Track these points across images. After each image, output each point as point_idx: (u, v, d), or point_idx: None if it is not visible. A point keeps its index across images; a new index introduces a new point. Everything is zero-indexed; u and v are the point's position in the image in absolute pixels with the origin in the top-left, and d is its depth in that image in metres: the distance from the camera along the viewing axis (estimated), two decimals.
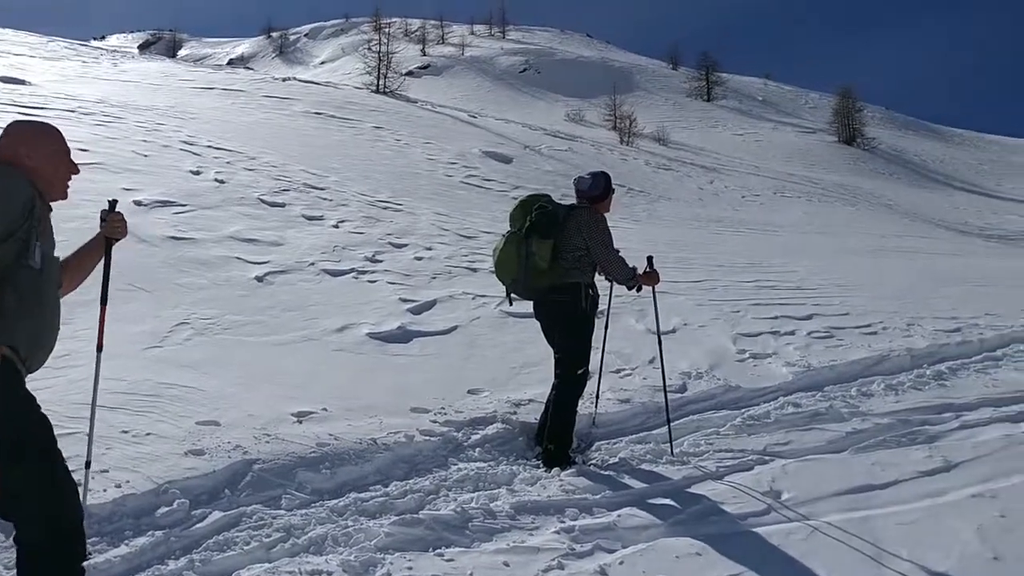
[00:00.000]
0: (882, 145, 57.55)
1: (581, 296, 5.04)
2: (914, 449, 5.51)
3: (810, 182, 35.68)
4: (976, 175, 55.30)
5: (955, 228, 28.64)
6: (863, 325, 8.98)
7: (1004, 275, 14.66)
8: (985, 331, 9.01)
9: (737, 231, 19.04)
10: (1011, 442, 5.70)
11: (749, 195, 27.62)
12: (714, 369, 7.09)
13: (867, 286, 11.65)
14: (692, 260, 13.07)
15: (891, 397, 6.62)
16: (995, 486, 4.92)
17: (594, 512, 4.32)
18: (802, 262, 13.68)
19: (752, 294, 10.42)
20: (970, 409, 6.41)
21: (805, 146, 53.79)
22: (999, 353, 8.23)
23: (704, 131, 57.84)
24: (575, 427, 5.23)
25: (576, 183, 5.37)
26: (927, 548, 4.10)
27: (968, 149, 68.01)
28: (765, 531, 4.20)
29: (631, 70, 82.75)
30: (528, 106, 63.37)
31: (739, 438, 5.60)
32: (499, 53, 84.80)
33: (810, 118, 68.33)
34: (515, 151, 25.21)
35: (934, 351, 8.13)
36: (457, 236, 11.92)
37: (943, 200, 39.52)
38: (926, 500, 4.71)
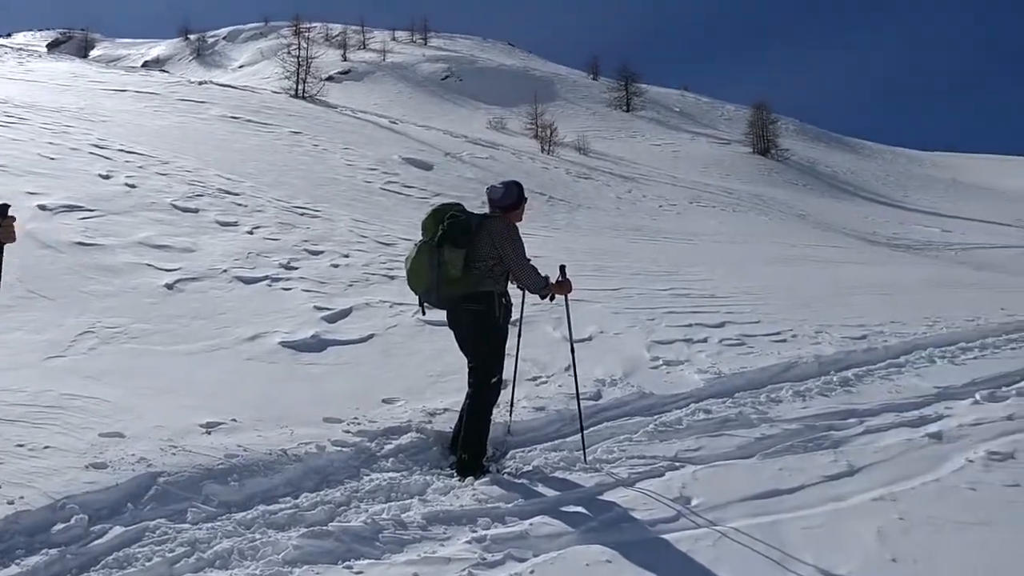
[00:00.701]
0: (795, 156, 59.05)
1: (494, 305, 5.04)
2: (820, 454, 5.66)
3: (725, 192, 36.40)
4: (884, 186, 57.20)
5: (864, 238, 29.52)
6: (773, 333, 9.19)
7: (910, 284, 15.18)
8: (890, 338, 9.30)
9: (654, 240, 19.28)
10: (911, 446, 5.90)
11: (666, 204, 28.01)
12: (628, 376, 7.17)
13: (778, 294, 11.93)
14: (610, 268, 13.20)
15: (799, 403, 6.79)
16: (895, 489, 5.08)
17: (506, 521, 4.32)
18: (716, 270, 13.94)
19: (667, 302, 10.58)
20: (874, 415, 6.61)
21: (721, 157, 54.85)
22: (902, 360, 8.50)
23: (623, 141, 58.56)
24: (489, 436, 5.23)
25: (488, 192, 5.38)
26: (830, 551, 4.21)
27: (876, 161, 70.30)
28: (674, 538, 4.25)
29: (552, 79, 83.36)
30: (450, 113, 63.26)
31: (651, 445, 5.66)
32: (421, 60, 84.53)
33: (726, 129, 69.72)
34: (436, 158, 25.13)
35: (841, 358, 8.35)
36: (375, 243, 11.83)
37: (853, 210, 40.75)
38: (830, 504, 4.84)
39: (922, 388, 7.43)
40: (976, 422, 6.47)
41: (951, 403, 7.02)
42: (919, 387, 7.47)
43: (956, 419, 6.54)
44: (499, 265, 5.08)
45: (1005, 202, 51.28)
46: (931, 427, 6.32)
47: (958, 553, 4.29)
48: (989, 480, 5.31)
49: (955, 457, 5.70)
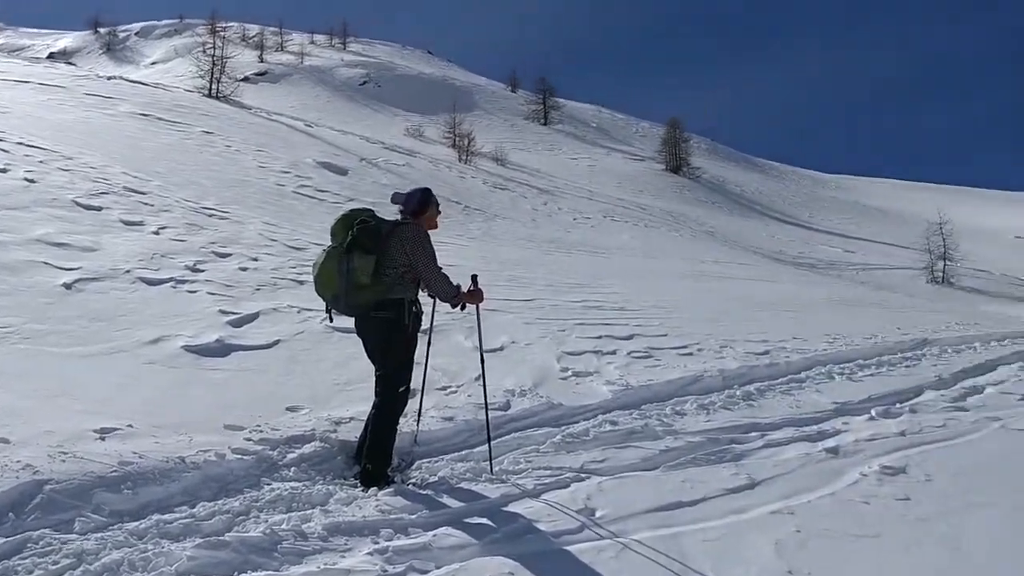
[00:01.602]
0: (706, 175, 60.43)
1: (404, 312, 4.98)
2: (722, 467, 5.76)
3: (639, 207, 37.00)
4: (791, 207, 58.95)
5: (770, 256, 30.34)
6: (680, 346, 9.35)
7: (812, 302, 15.65)
8: (791, 354, 9.56)
9: (568, 252, 19.46)
10: (809, 460, 6.05)
11: (581, 218, 28.33)
12: (538, 387, 7.19)
13: (686, 309, 12.15)
14: (523, 279, 13.25)
15: (703, 416, 6.91)
16: (793, 503, 5.20)
17: (410, 532, 4.27)
18: (627, 284, 14.12)
19: (579, 314, 10.66)
20: (774, 428, 6.77)
21: (635, 173, 55.78)
22: (803, 375, 8.74)
23: (541, 154, 59.01)
24: (395, 446, 5.16)
25: (393, 199, 5.32)
26: (729, 564, 4.28)
27: (784, 182, 72.41)
28: (577, 549, 4.26)
29: (471, 89, 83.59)
30: (367, 119, 62.77)
31: (558, 456, 5.68)
32: (339, 64, 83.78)
33: (640, 146, 70.92)
34: (351, 163, 24.92)
35: (744, 372, 8.54)
36: (285, 247, 11.63)
37: (760, 229, 41.87)
38: (730, 517, 4.92)
39: (821, 403, 7.65)
40: (871, 437, 6.68)
41: (848, 418, 7.24)
42: (818, 402, 7.69)
43: (852, 434, 6.74)
44: (410, 272, 5.03)
45: (904, 225, 53.34)
46: (829, 442, 6.50)
47: (851, 565, 4.41)
48: (881, 494, 5.48)
49: (850, 471, 5.87)
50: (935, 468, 6.07)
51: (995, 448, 6.80)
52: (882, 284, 27.64)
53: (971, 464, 6.31)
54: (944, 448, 6.63)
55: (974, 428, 7.28)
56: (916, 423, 7.22)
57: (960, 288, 30.12)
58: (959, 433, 7.10)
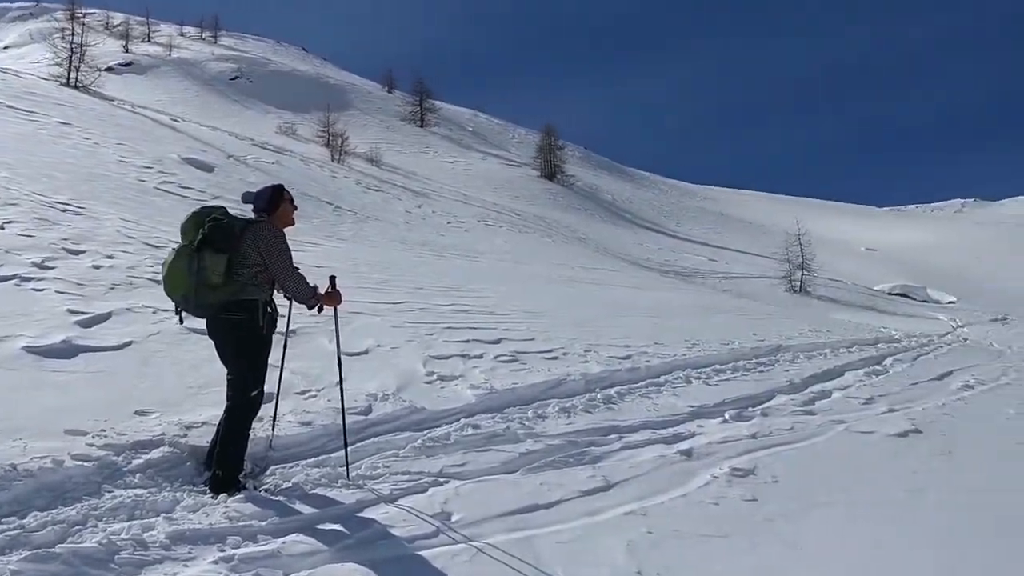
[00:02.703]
0: (579, 182, 61.43)
1: (258, 314, 4.84)
2: (579, 469, 5.84)
3: (513, 213, 37.28)
4: (660, 215, 60.57)
5: (638, 263, 31.08)
6: (546, 350, 9.44)
7: (675, 308, 16.09)
8: (652, 359, 9.79)
9: (440, 255, 19.41)
10: (664, 462, 6.21)
11: (455, 221, 28.33)
12: (401, 391, 7.11)
13: (554, 313, 12.29)
14: (393, 282, 13.13)
15: (564, 419, 6.99)
16: (646, 504, 5.32)
17: (258, 539, 4.15)
18: (498, 288, 14.18)
19: (448, 317, 10.63)
20: (632, 431, 6.92)
21: (510, 178, 56.18)
22: (662, 379, 8.96)
23: (416, 156, 58.76)
24: (248, 451, 5.01)
25: (243, 197, 5.17)
26: (582, 565, 4.34)
27: (653, 191, 74.35)
28: (431, 554, 4.24)
29: (346, 89, 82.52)
30: (238, 115, 61.09)
31: (418, 460, 5.64)
32: (209, 58, 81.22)
33: (516, 152, 71.52)
34: (218, 160, 24.20)
35: (606, 376, 8.70)
36: (144, 245, 11.16)
37: (630, 237, 42.84)
38: (585, 518, 4.99)
39: (678, 407, 7.87)
40: (723, 440, 6.91)
41: (703, 421, 7.48)
42: (676, 406, 7.90)
43: (706, 437, 6.97)
44: (264, 272, 4.89)
45: (765, 236, 55.57)
46: (683, 444, 6.69)
47: (699, 565, 4.54)
48: (731, 495, 5.67)
49: (702, 473, 6.05)
50: (782, 469, 6.33)
51: (838, 450, 7.14)
52: (743, 292, 28.70)
53: (816, 465, 6.60)
54: (791, 450, 6.92)
55: (820, 431, 7.62)
56: (766, 426, 7.51)
57: (815, 297, 31.55)
58: (806, 436, 7.42)
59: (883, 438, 7.60)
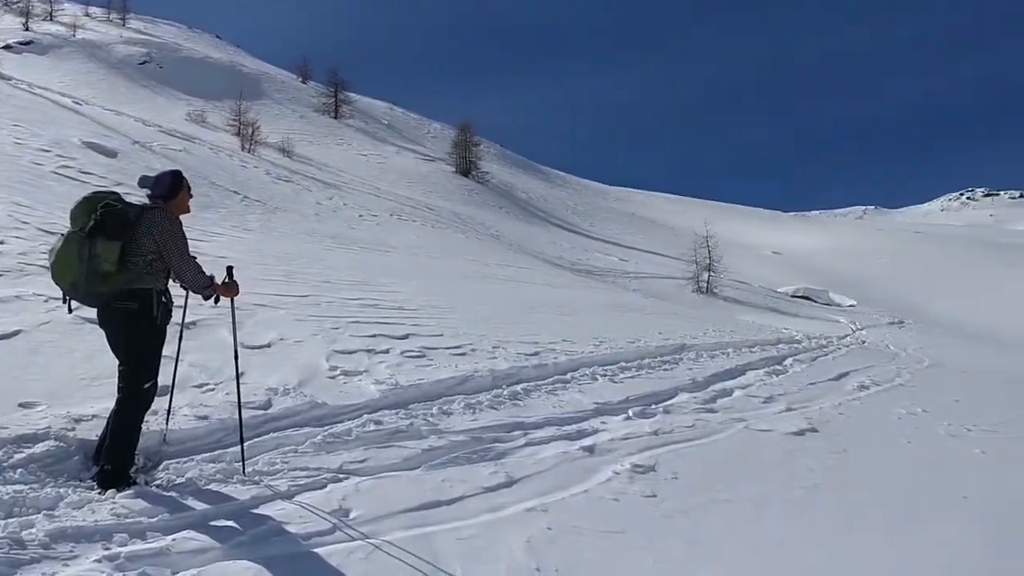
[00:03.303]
0: (494, 179, 61.45)
1: (152, 303, 4.68)
2: (482, 466, 5.83)
3: (427, 208, 37.05)
4: (573, 215, 61.03)
5: (551, 261, 31.23)
6: (454, 346, 9.40)
7: (585, 306, 16.22)
8: (560, 356, 9.85)
9: (350, 249, 19.17)
10: (566, 458, 6.24)
11: (367, 215, 28.00)
12: (303, 386, 6.98)
13: (465, 310, 12.25)
14: (300, 274, 12.91)
15: (468, 416, 6.97)
16: (547, 500, 5.33)
17: (147, 537, 4.01)
18: (408, 284, 14.07)
19: (355, 312, 10.50)
20: (537, 427, 6.94)
21: (425, 173, 55.82)
22: (568, 376, 9.02)
23: (329, 147, 57.88)
24: (140, 445, 4.85)
25: (140, 182, 4.99)
26: (480, 562, 4.32)
27: (568, 191, 74.87)
28: (326, 551, 4.16)
29: (260, 77, 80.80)
30: (146, 100, 59.16)
31: (317, 456, 5.53)
32: (117, 40, 78.53)
33: (431, 147, 71.16)
34: (122, 145, 23.41)
35: (514, 372, 8.71)
36: (37, 231, 10.71)
37: (543, 235, 43.05)
38: (486, 515, 4.97)
39: (583, 404, 7.93)
40: (626, 436, 6.99)
41: (607, 418, 7.55)
42: (581, 403, 7.96)
43: (609, 433, 7.03)
44: (159, 261, 4.72)
45: (675, 237, 56.49)
46: (586, 440, 6.74)
47: (597, 561, 4.57)
48: (631, 491, 5.73)
49: (604, 469, 6.10)
50: (682, 466, 6.43)
51: (738, 447, 7.29)
52: (652, 291, 29.12)
53: (715, 462, 6.73)
54: (692, 447, 7.04)
55: (720, 428, 7.78)
56: (668, 423, 7.63)
57: (722, 298, 32.19)
58: (707, 433, 7.56)
59: (781, 436, 7.80)
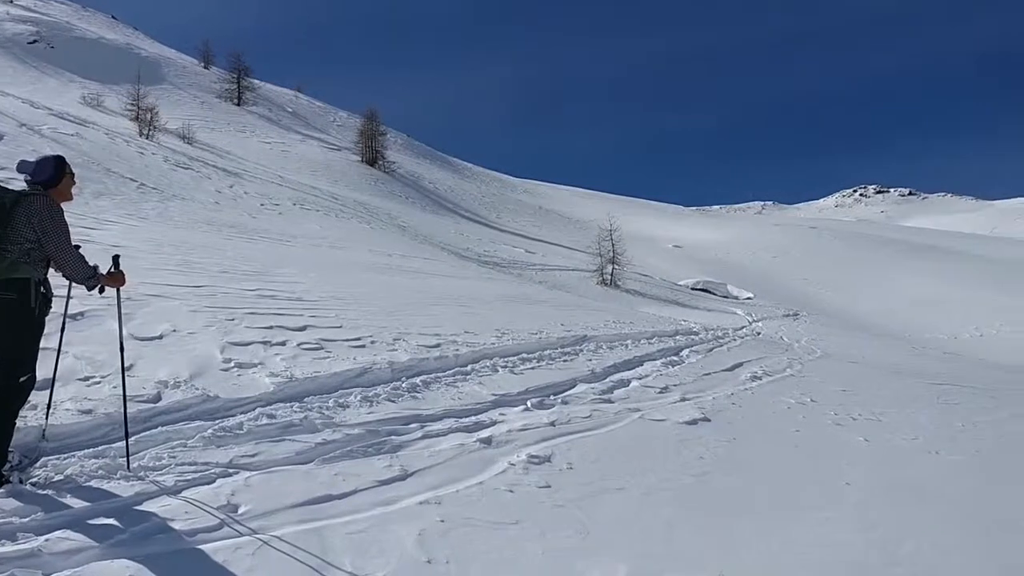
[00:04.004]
0: (401, 169, 61.04)
1: (30, 294, 4.49)
2: (377, 459, 5.79)
3: (331, 197, 36.54)
4: (481, 207, 61.09)
5: (457, 252, 31.19)
6: (353, 338, 9.29)
7: (489, 298, 16.24)
8: (461, 348, 9.83)
9: (251, 239, 18.77)
10: (463, 451, 6.25)
11: (269, 204, 27.47)
12: (195, 378, 6.81)
13: (365, 301, 12.13)
14: (197, 264, 12.58)
15: (365, 408, 6.90)
16: (441, 492, 5.33)
17: (17, 538, 3.85)
18: (309, 274, 13.86)
19: (252, 303, 10.28)
20: (435, 420, 6.93)
21: (330, 162, 55.07)
22: (469, 368, 9.02)
23: (232, 135, 56.54)
24: (15, 441, 4.65)
25: (19, 167, 4.78)
26: (370, 556, 4.29)
27: (475, 182, 74.87)
28: (212, 548, 4.07)
29: (159, 61, 78.35)
30: (36, 82, 56.73)
31: (207, 450, 5.41)
32: (4, 18, 75.05)
33: (337, 135, 70.22)
34: (9, 128, 22.41)
35: (414, 365, 8.66)
36: None
37: (450, 226, 42.94)
38: (379, 508, 4.94)
39: (482, 395, 7.94)
40: (524, 428, 7.03)
41: (505, 410, 7.58)
42: (480, 394, 7.97)
43: (507, 425, 7.07)
44: (38, 250, 4.53)
45: (581, 230, 57.12)
46: (484, 432, 6.75)
47: (488, 552, 4.59)
48: (526, 482, 5.78)
49: (500, 461, 6.13)
50: (577, 456, 6.51)
51: (632, 436, 7.41)
52: (557, 283, 29.38)
53: (610, 452, 6.83)
54: (588, 437, 7.13)
55: (616, 419, 7.90)
56: (566, 414, 7.71)
57: (624, 290, 32.69)
58: (603, 423, 7.66)
59: (674, 425, 7.96)
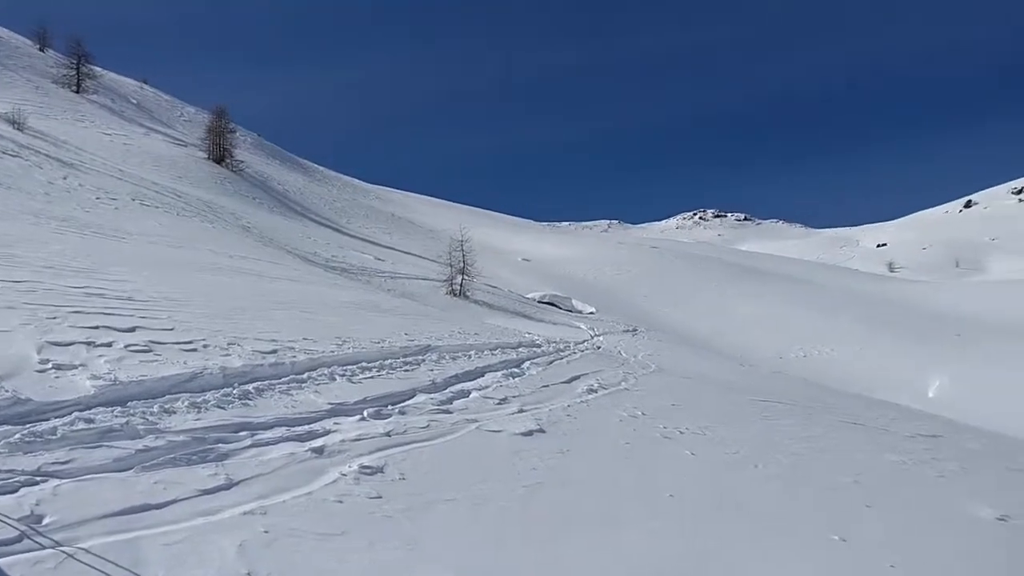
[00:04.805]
0: (250, 169, 59.38)
1: None
2: (202, 467, 5.60)
3: (174, 194, 35.14)
4: (331, 211, 60.16)
5: (304, 256, 30.58)
6: (185, 341, 8.96)
7: (334, 304, 16.00)
8: (299, 354, 9.64)
9: (83, 234, 17.82)
10: (293, 460, 6.12)
11: (105, 198, 26.16)
12: (6, 379, 6.38)
13: (202, 303, 11.72)
14: (20, 258, 11.86)
15: (193, 415, 6.66)
16: (267, 503, 5.21)
17: None
18: (142, 273, 13.29)
19: (78, 301, 9.76)
20: (266, 428, 6.76)
21: (175, 158, 52.95)
22: (305, 376, 8.84)
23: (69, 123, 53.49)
24: None
25: None
26: (187, 568, 4.15)
27: (327, 186, 73.73)
28: (8, 562, 3.83)
29: None
30: None
31: (12, 457, 5.08)
32: None
33: (183, 131, 67.69)
34: None
35: (248, 371, 8.42)
36: None
37: (299, 229, 42.06)
38: (200, 519, 4.78)
39: (317, 404, 7.81)
40: (358, 437, 6.96)
41: (340, 419, 7.48)
42: (315, 403, 7.83)
43: (341, 434, 6.97)
44: None
45: (433, 240, 57.11)
46: (316, 442, 6.64)
47: (312, 564, 4.51)
48: (356, 493, 5.72)
49: (331, 471, 6.05)
50: (411, 467, 6.50)
51: (468, 448, 7.46)
52: (406, 292, 29.24)
53: (444, 463, 6.85)
54: (423, 448, 7.12)
55: (453, 429, 7.92)
56: (403, 424, 7.68)
57: (473, 301, 32.85)
58: (440, 434, 7.67)
59: (510, 437, 8.06)
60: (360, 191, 79.80)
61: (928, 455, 10.93)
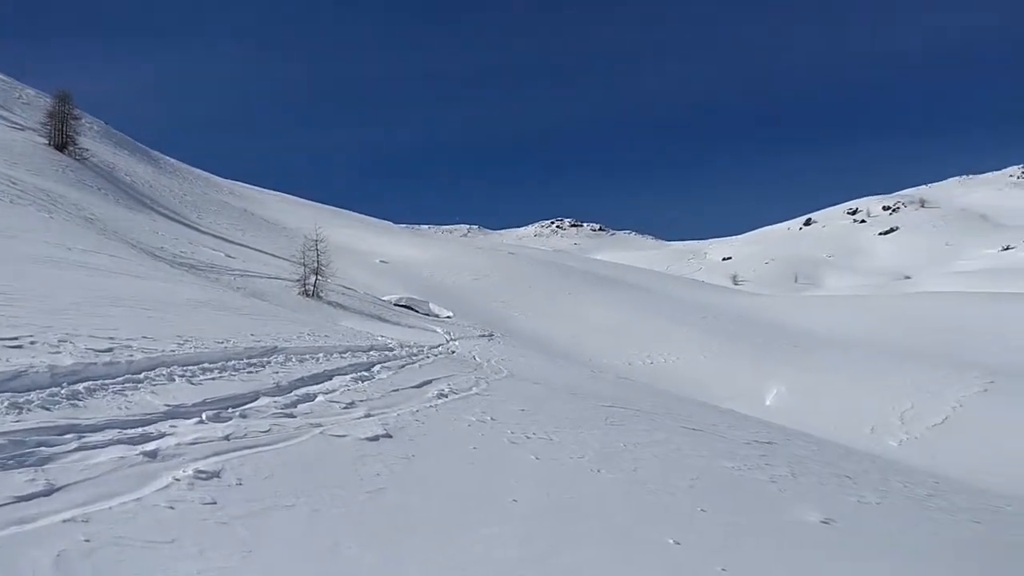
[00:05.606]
0: (95, 158, 56.54)
1: None
2: (19, 472, 5.26)
3: (8, 181, 33.05)
4: (181, 205, 57.97)
5: (149, 251, 29.35)
6: (10, 337, 8.43)
7: (178, 302, 15.42)
8: (136, 353, 9.23)
9: None
10: (123, 464, 5.85)
11: None
12: None
13: (32, 298, 11.07)
14: None
15: (12, 416, 6.25)
16: (91, 510, 4.95)
17: None
18: None
19: None
20: (95, 431, 6.42)
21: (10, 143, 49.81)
22: (142, 376, 8.47)
23: None
24: None
25: None
26: None
27: (177, 179, 71.01)
28: None
29: None
30: None
31: None
32: None
33: (22, 114, 63.75)
34: None
35: (79, 370, 8.00)
36: None
37: (146, 223, 40.32)
38: (13, 528, 4.49)
39: (153, 405, 7.49)
40: (195, 441, 6.71)
41: (177, 422, 7.20)
42: (151, 404, 7.52)
43: (177, 438, 6.70)
44: None
45: (287, 238, 55.85)
46: (150, 445, 6.36)
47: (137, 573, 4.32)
48: (189, 498, 5.51)
49: (164, 475, 5.80)
50: (249, 472, 6.31)
51: (310, 452, 7.31)
52: (256, 291, 28.46)
53: (284, 468, 6.68)
54: (263, 452, 6.93)
55: (296, 434, 7.75)
56: (243, 428, 7.45)
57: (327, 302, 32.30)
58: (282, 438, 7.49)
59: (355, 441, 7.95)
60: (213, 185, 77.28)
61: (762, 460, 11.48)
